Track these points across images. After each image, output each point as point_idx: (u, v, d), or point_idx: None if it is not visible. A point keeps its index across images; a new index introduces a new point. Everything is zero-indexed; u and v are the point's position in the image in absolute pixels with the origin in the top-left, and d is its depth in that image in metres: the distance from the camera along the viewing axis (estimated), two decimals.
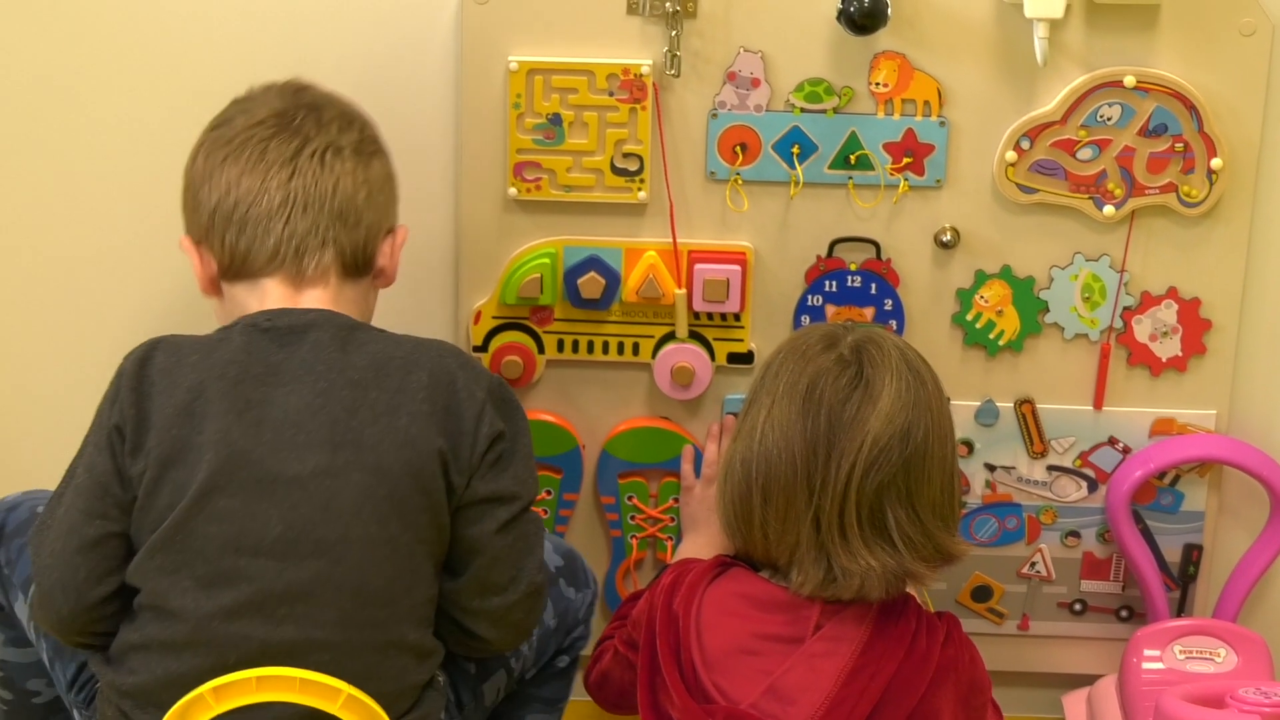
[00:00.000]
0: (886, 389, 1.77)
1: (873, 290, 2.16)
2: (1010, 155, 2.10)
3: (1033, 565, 2.27)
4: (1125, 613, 2.29)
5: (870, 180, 2.13)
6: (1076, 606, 2.29)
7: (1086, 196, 2.13)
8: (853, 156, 2.12)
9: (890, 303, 2.17)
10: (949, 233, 2.14)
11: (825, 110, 2.11)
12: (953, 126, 2.11)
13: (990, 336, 2.18)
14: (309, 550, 1.70)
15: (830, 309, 2.17)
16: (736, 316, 2.18)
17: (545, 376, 2.21)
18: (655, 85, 2.10)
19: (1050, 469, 2.23)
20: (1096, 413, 2.21)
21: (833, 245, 2.16)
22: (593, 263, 2.16)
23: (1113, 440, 2.22)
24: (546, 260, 2.15)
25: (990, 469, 2.23)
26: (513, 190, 2.14)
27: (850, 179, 2.13)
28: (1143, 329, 2.18)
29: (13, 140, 2.20)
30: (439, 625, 1.81)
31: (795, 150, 2.12)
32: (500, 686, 1.96)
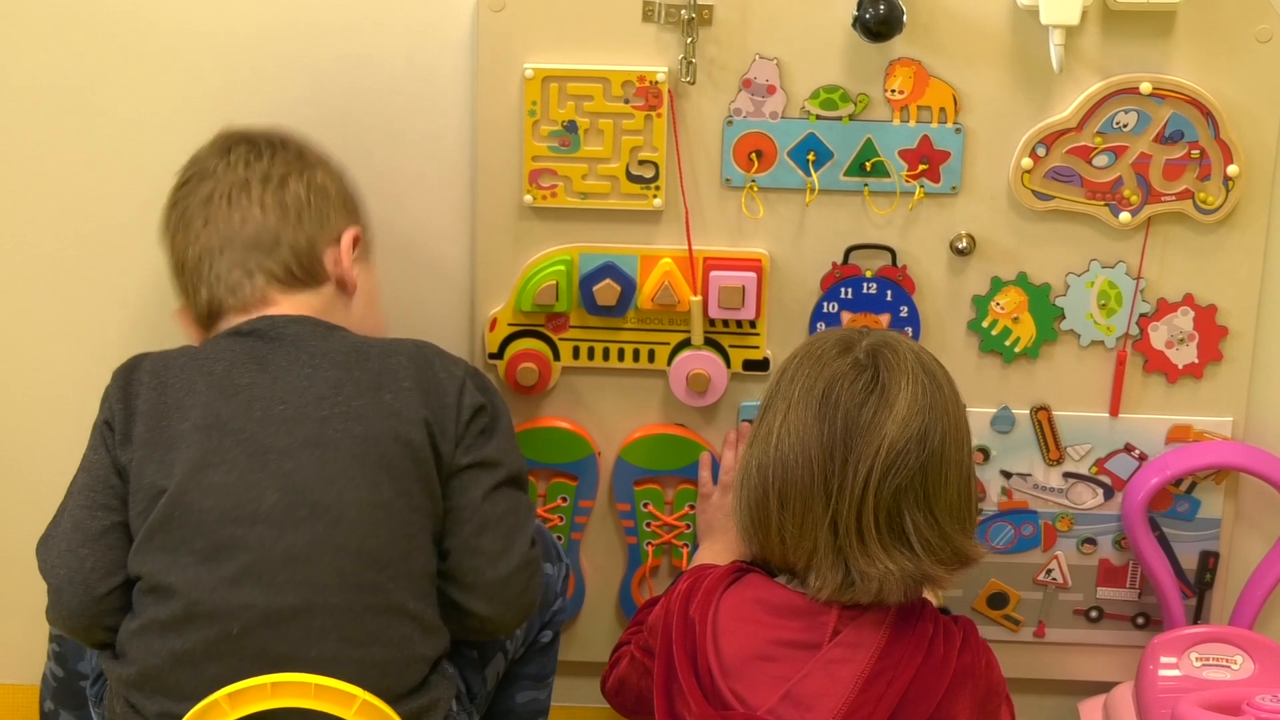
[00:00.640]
0: (903, 393, 1.76)
1: (888, 297, 2.16)
2: (1026, 162, 2.10)
3: (1049, 572, 2.27)
4: (1141, 620, 2.29)
5: (886, 187, 2.13)
6: (1093, 614, 2.28)
7: (1102, 203, 2.13)
8: (868, 163, 2.12)
9: (906, 310, 2.16)
10: (965, 239, 2.14)
11: (841, 117, 2.11)
12: (968, 133, 2.11)
13: (1006, 343, 2.18)
14: (305, 514, 1.73)
15: (846, 316, 2.17)
16: (752, 323, 2.18)
17: (561, 383, 2.21)
18: (671, 92, 2.10)
19: (1066, 476, 2.23)
20: (1113, 420, 2.21)
21: (848, 252, 2.16)
22: (608, 270, 2.16)
23: (1129, 447, 2.21)
24: (562, 267, 2.15)
25: (1006, 476, 2.23)
26: (528, 197, 2.14)
27: (866, 186, 2.13)
28: (1159, 336, 2.18)
29: (26, 142, 2.21)
30: (440, 611, 1.83)
31: (811, 157, 2.12)
32: (499, 670, 1.99)
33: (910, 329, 2.16)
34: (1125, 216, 2.13)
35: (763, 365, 2.18)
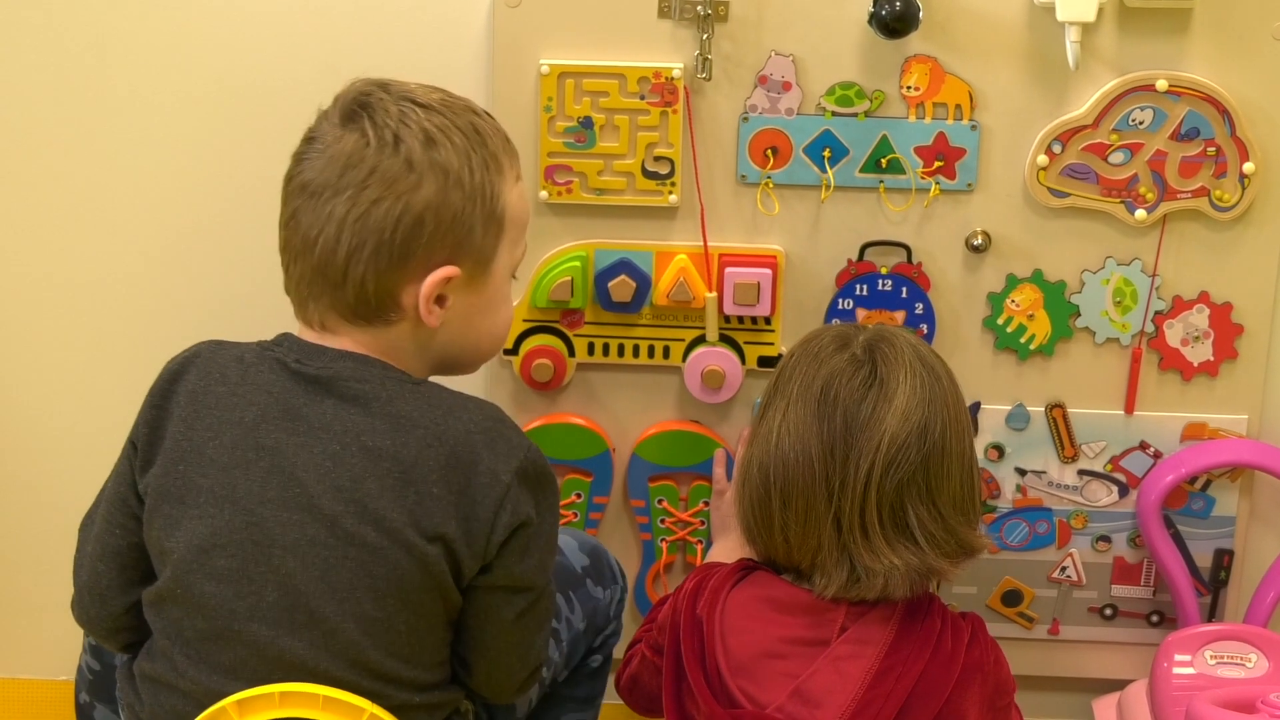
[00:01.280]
0: (901, 387, 1.76)
1: (904, 294, 2.16)
2: (1042, 159, 2.10)
3: (1063, 570, 2.27)
4: (1156, 618, 2.28)
5: (901, 184, 2.13)
6: (1107, 611, 2.28)
7: (1118, 200, 2.12)
8: (884, 160, 2.12)
9: (921, 306, 2.16)
10: (980, 236, 2.14)
11: (856, 114, 2.11)
12: (984, 130, 2.11)
13: (1021, 340, 2.18)
14: (303, 620, 1.65)
15: (861, 313, 2.17)
16: (767, 320, 2.18)
17: (576, 379, 2.22)
18: (686, 88, 2.10)
19: (1081, 473, 2.23)
20: (1128, 417, 2.21)
21: (864, 249, 2.16)
22: (623, 266, 2.16)
23: (1144, 445, 2.21)
24: (577, 263, 2.16)
25: (1021, 473, 2.23)
26: (544, 193, 2.14)
27: (881, 182, 2.13)
28: (1174, 333, 2.17)
29: (34, 140, 2.21)
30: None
31: (826, 154, 2.12)
32: (532, 697, 1.96)
33: (925, 326, 2.16)
34: (1141, 214, 2.12)
35: (777, 362, 2.18)
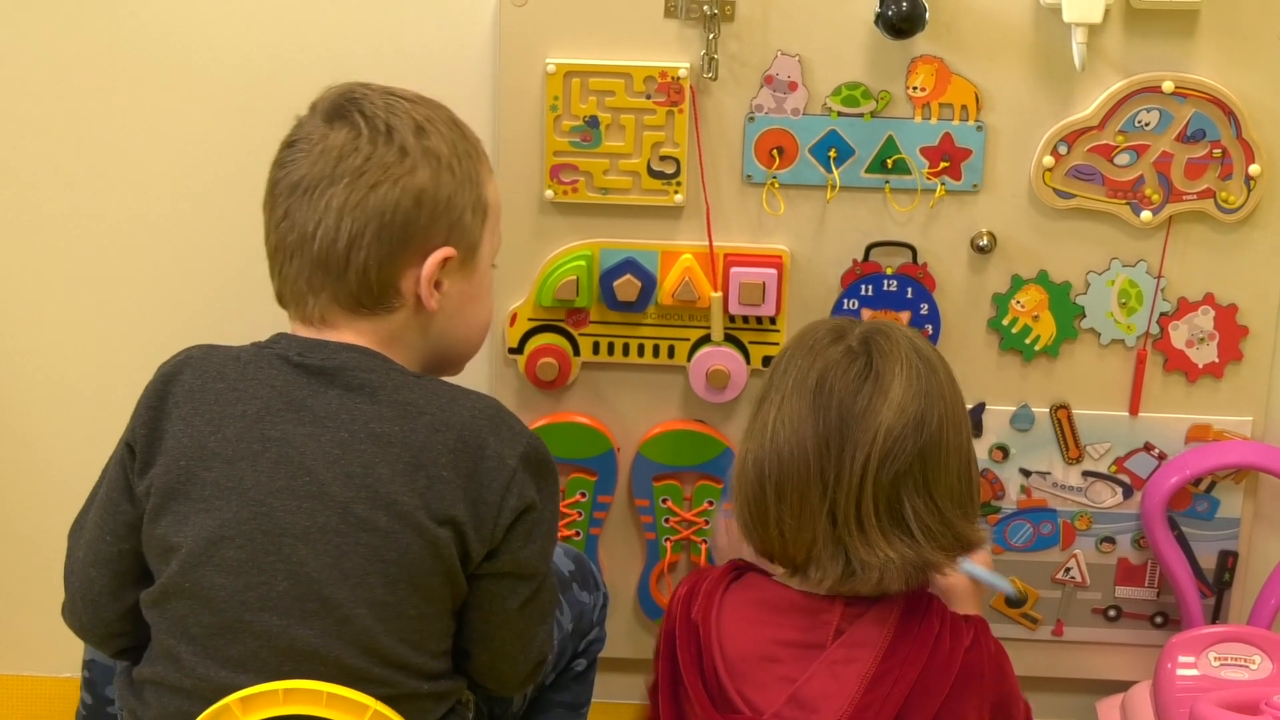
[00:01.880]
0: (897, 379, 1.73)
1: (909, 295, 2.16)
2: (1048, 160, 2.10)
3: (1067, 571, 2.27)
4: (1160, 619, 2.28)
5: (907, 184, 2.13)
6: (1111, 613, 2.28)
7: (1124, 202, 2.12)
8: (890, 160, 2.12)
9: (926, 307, 2.16)
10: (986, 237, 2.14)
11: (862, 114, 2.11)
12: (990, 131, 2.11)
13: (1026, 341, 2.18)
14: (315, 608, 1.64)
15: (866, 313, 2.17)
16: (772, 320, 2.18)
17: (580, 379, 2.22)
18: (692, 88, 2.10)
19: (1085, 475, 2.23)
20: (1132, 418, 2.21)
21: (869, 249, 2.16)
22: (629, 265, 2.16)
23: (1148, 446, 2.21)
24: (582, 262, 2.16)
25: (1025, 474, 2.23)
26: (549, 192, 2.14)
27: (887, 183, 2.13)
28: (1179, 335, 2.17)
29: (41, 139, 2.21)
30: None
31: (832, 154, 2.12)
32: (526, 692, 1.96)
33: (930, 326, 2.16)
34: (1146, 215, 2.12)
35: None
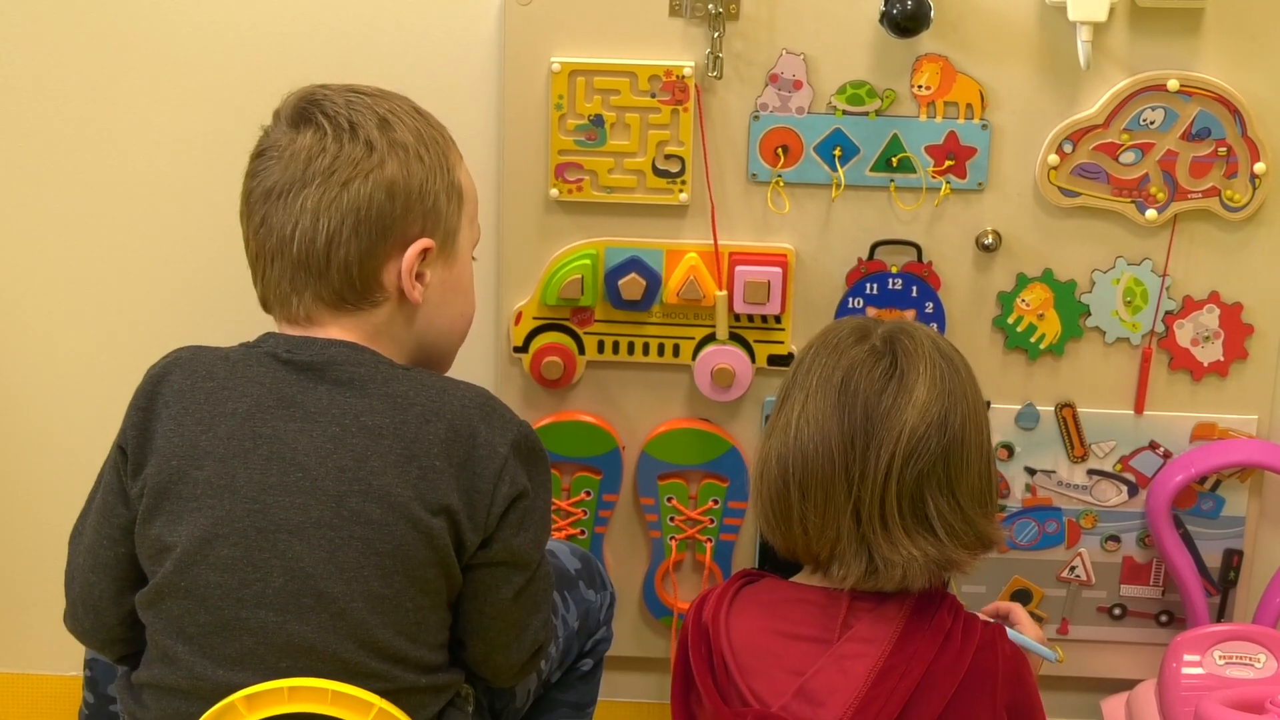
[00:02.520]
0: (921, 378, 1.75)
1: (914, 293, 2.16)
2: (1053, 158, 2.10)
3: (1072, 569, 2.27)
4: (1165, 618, 2.28)
5: (912, 183, 2.13)
6: (1116, 611, 2.28)
7: (1129, 200, 2.12)
8: (894, 159, 2.12)
9: (931, 306, 2.16)
10: (990, 236, 2.14)
11: (867, 113, 2.11)
12: (995, 129, 2.11)
13: (1031, 340, 2.18)
14: (310, 603, 1.65)
15: (871, 311, 2.17)
16: (777, 318, 2.18)
17: (585, 377, 2.22)
18: (697, 87, 2.10)
19: (1091, 473, 2.23)
20: (1137, 417, 2.21)
21: (874, 248, 2.16)
22: (633, 264, 2.16)
23: (1153, 445, 2.21)
24: (587, 261, 2.16)
25: (1030, 473, 2.23)
26: (554, 191, 2.14)
27: (892, 181, 2.13)
28: (1184, 333, 2.17)
29: (45, 138, 2.22)
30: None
31: (837, 152, 2.12)
32: (530, 688, 1.96)
33: (935, 325, 2.16)
34: (1151, 214, 2.12)
35: (788, 360, 2.18)
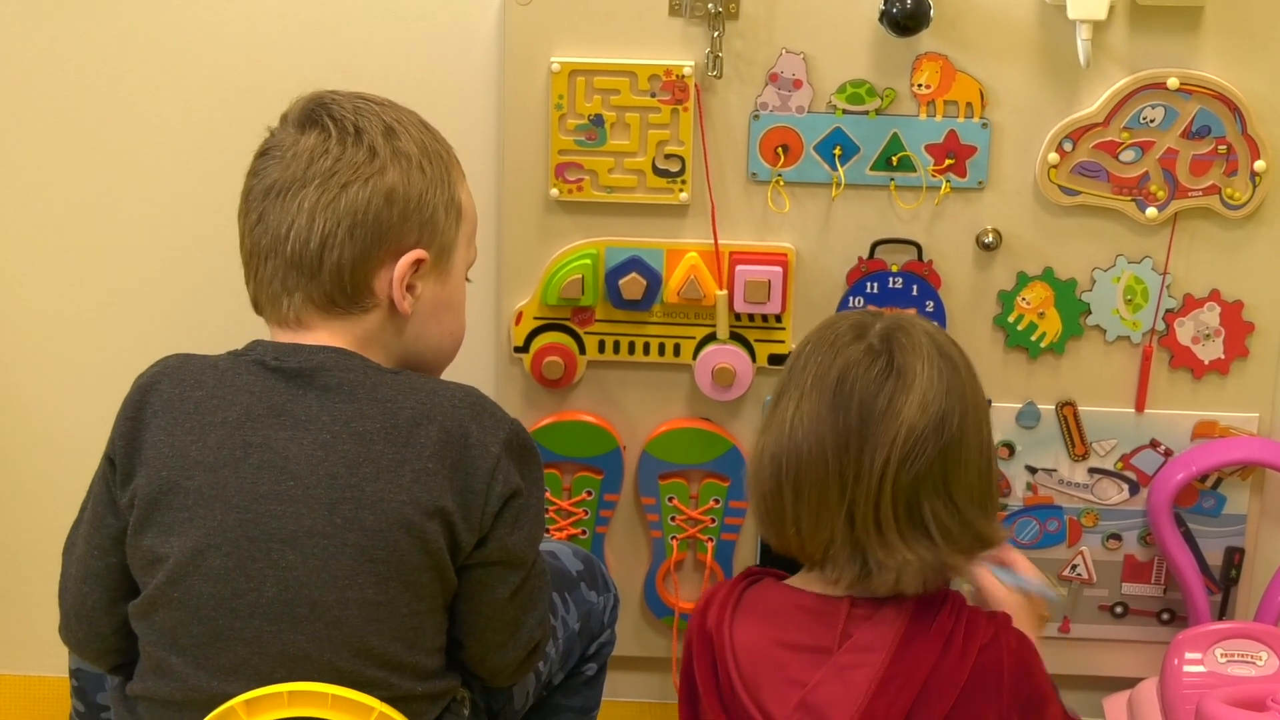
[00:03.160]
0: (919, 378, 1.71)
1: (914, 292, 2.16)
2: (1053, 157, 2.10)
3: (1074, 568, 2.27)
4: (1166, 616, 2.28)
5: (912, 182, 2.13)
6: (1118, 609, 2.28)
7: (1129, 198, 2.12)
8: (894, 158, 2.12)
9: (932, 304, 2.16)
10: (991, 234, 2.14)
11: (867, 112, 2.11)
12: (995, 128, 2.11)
13: (1032, 338, 2.18)
14: (304, 613, 1.64)
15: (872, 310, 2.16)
16: (778, 318, 2.18)
17: (586, 377, 2.22)
18: (697, 86, 2.10)
19: (1092, 471, 2.23)
20: (1138, 415, 2.21)
21: (874, 247, 2.16)
22: (634, 264, 2.16)
23: (1154, 443, 2.21)
24: (588, 261, 2.16)
25: (1031, 471, 2.23)
26: (554, 191, 2.14)
27: (892, 180, 2.13)
28: (1185, 331, 2.17)
29: (47, 138, 2.22)
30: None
31: (837, 151, 2.12)
32: (529, 689, 1.95)
33: (936, 324, 2.16)
34: (1152, 212, 2.12)
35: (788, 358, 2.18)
